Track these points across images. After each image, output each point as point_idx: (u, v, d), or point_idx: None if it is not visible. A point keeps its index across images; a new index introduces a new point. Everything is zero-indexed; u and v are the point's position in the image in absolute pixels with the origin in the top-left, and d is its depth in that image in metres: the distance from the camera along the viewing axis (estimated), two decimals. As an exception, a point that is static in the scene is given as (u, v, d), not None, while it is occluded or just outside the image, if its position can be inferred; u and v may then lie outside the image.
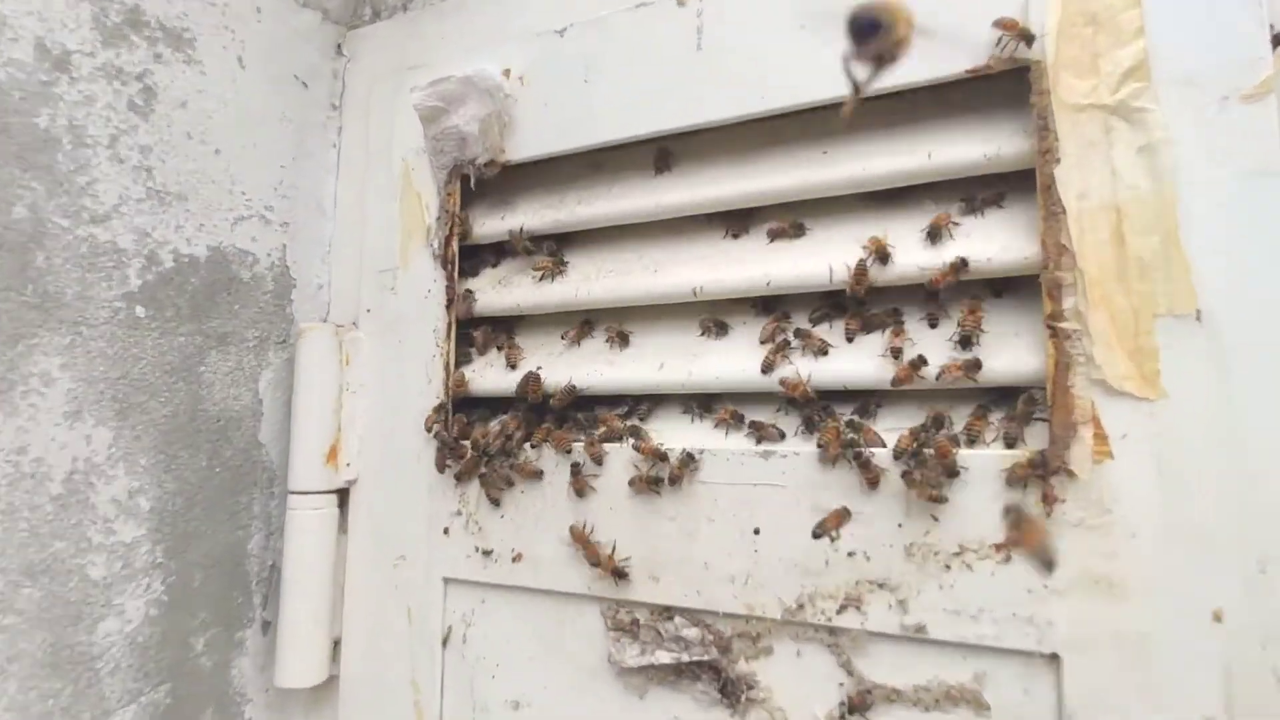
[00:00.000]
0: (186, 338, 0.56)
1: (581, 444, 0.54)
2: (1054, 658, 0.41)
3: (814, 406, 0.48)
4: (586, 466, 0.54)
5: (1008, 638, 0.42)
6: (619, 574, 0.51)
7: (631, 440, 0.52)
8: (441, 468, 0.59)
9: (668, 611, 0.50)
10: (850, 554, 0.46)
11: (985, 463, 0.43)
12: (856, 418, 0.48)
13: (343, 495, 0.64)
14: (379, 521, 0.62)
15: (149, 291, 0.53)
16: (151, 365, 0.53)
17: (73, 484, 0.49)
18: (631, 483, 0.52)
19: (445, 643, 0.59)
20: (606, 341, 0.58)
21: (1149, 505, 0.39)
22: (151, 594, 0.53)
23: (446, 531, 0.59)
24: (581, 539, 0.52)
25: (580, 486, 0.53)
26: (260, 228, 0.63)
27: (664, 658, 0.49)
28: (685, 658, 0.48)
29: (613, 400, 0.57)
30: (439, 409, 0.60)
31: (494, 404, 0.62)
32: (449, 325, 0.62)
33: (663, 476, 0.50)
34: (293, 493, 0.61)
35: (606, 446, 0.53)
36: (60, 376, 0.48)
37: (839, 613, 0.46)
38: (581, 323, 0.59)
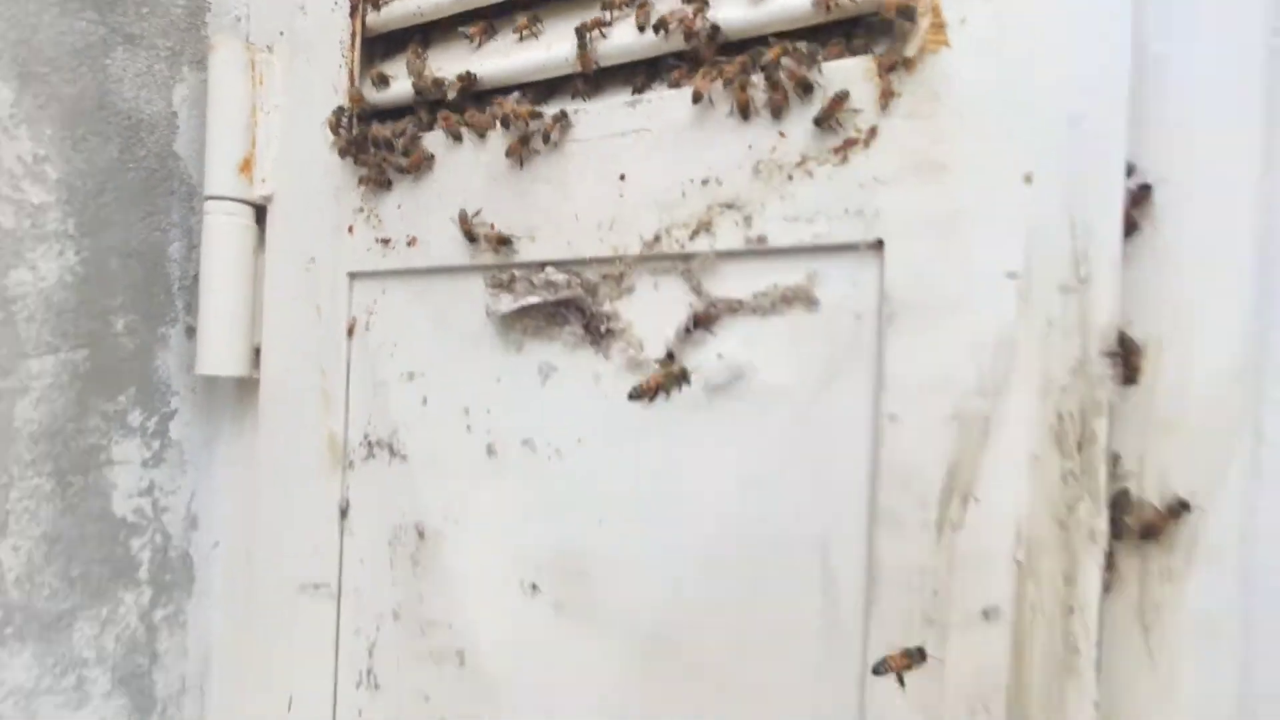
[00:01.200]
0: (89, 24, 0.57)
1: (467, 125, 0.56)
2: (878, 244, 0.42)
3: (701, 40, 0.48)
4: (470, 140, 0.55)
5: (838, 233, 0.43)
6: (500, 241, 0.54)
7: (514, 109, 0.54)
8: (343, 155, 0.61)
9: (541, 265, 0.53)
10: (704, 181, 0.47)
11: (833, 73, 0.44)
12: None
13: (260, 213, 0.66)
14: (292, 230, 0.65)
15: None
16: (51, 40, 0.55)
17: (-23, 138, 0.51)
18: (508, 152, 0.53)
19: (350, 332, 0.62)
20: (515, 32, 0.58)
21: (978, 88, 0.40)
22: (65, 261, 0.56)
23: (350, 229, 0.62)
24: (464, 221, 0.55)
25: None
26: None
27: (533, 299, 0.51)
28: (551, 297, 0.51)
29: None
30: (338, 110, 0.61)
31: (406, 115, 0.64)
32: (354, 35, 0.63)
33: (535, 134, 0.52)
34: (209, 198, 0.63)
35: (494, 121, 0.55)
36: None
37: (691, 239, 0.47)
38: (485, 22, 0.60)
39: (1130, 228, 0.38)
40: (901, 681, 0.40)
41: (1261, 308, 0.37)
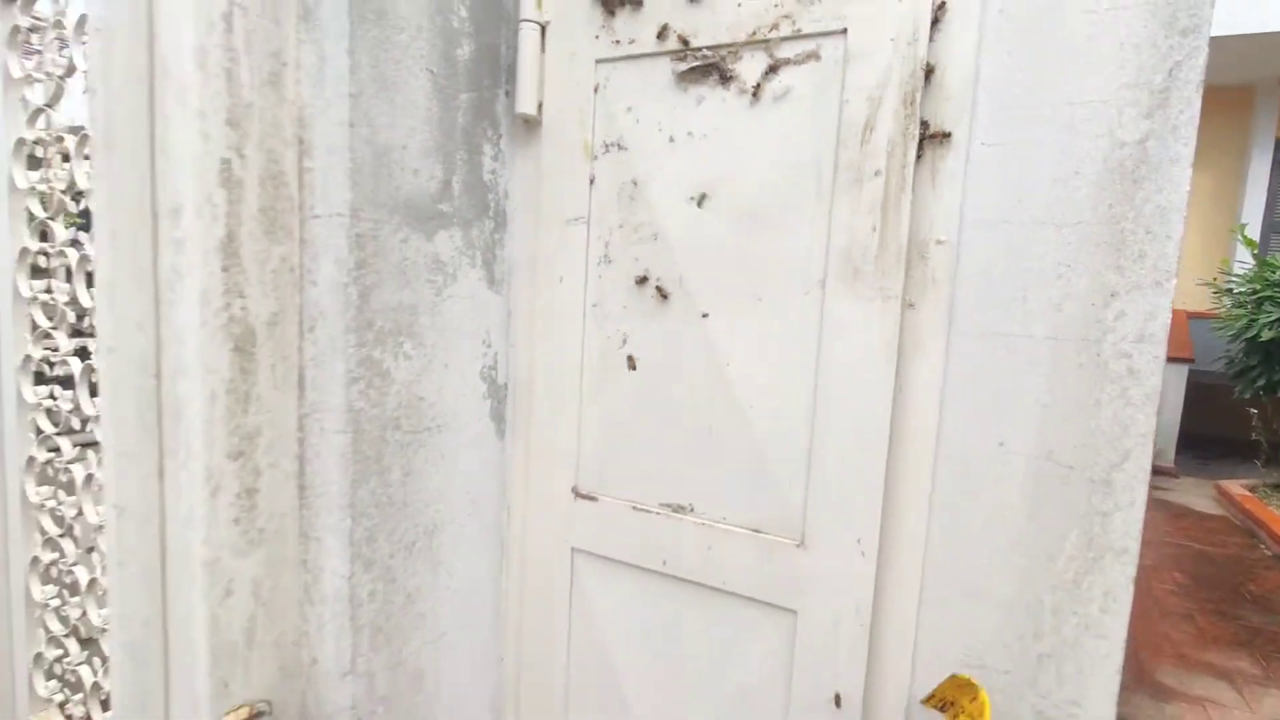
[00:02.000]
0: (476, -73, 1.18)
1: (661, -22, 1.16)
2: (844, 31, 1.02)
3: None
4: (663, -11, 1.16)
5: (829, 26, 1.03)
6: (680, 39, 1.15)
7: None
8: (594, -2, 1.22)
9: (699, 48, 1.14)
10: (775, 4, 1.07)
11: (832, -49, 1.02)
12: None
13: (543, 30, 1.28)
14: (561, 38, 1.27)
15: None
16: (466, -64, 1.16)
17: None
18: (684, -10, 1.14)
19: (595, 90, 1.25)
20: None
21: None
22: (468, 49, 1.20)
23: (596, 37, 1.23)
24: (660, 31, 1.16)
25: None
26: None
27: (696, 63, 1.13)
28: (703, 63, 1.13)
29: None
30: (592, -29, 1.22)
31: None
32: (595, -70, 1.22)
33: (698, -17, 1.12)
34: (521, 20, 1.26)
35: (673, -23, 1.15)
36: None
37: (769, 31, 1.08)
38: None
39: None
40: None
41: None
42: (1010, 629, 1.01)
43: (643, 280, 1.23)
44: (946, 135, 1.00)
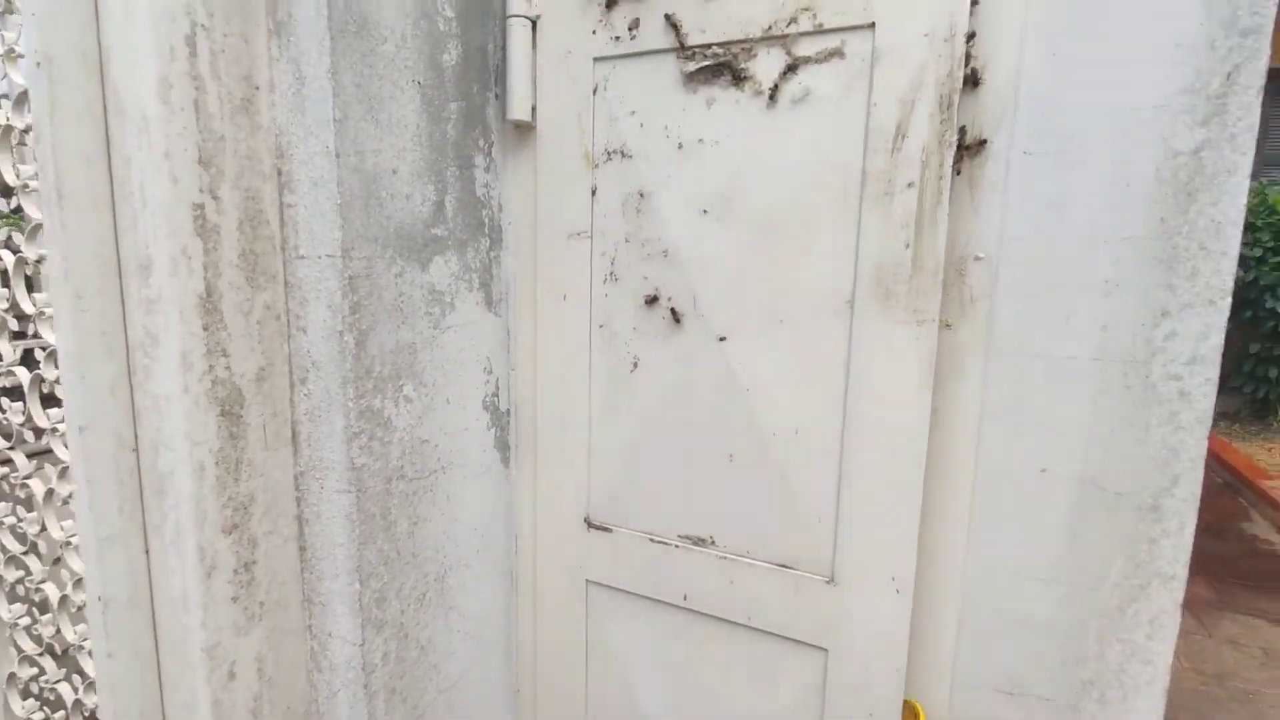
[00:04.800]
0: (456, -85, 1.06)
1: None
2: (872, 25, 0.94)
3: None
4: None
5: (855, 20, 0.95)
6: (684, 33, 1.05)
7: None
8: (589, -8, 1.11)
9: (709, 45, 1.04)
10: (794, -1, 0.98)
11: (857, -57, 0.93)
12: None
13: (534, 24, 1.17)
14: (555, 32, 1.16)
15: None
16: (445, -74, 1.04)
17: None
18: (691, -16, 1.04)
19: (595, 92, 1.14)
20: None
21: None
22: (456, 53, 1.09)
23: (594, 32, 1.13)
24: (671, 23, 1.06)
25: None
26: None
27: (706, 63, 1.04)
28: (714, 62, 1.03)
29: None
30: (585, -39, 1.10)
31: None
32: (586, -85, 1.10)
33: (707, -24, 1.02)
34: (509, 16, 1.14)
35: (677, -31, 1.04)
36: None
37: (786, 26, 0.99)
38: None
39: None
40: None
41: (1031, 49, 0.89)
42: (1053, 655, 0.99)
43: (653, 300, 1.15)
44: (983, 143, 0.93)
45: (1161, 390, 0.90)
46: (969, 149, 0.94)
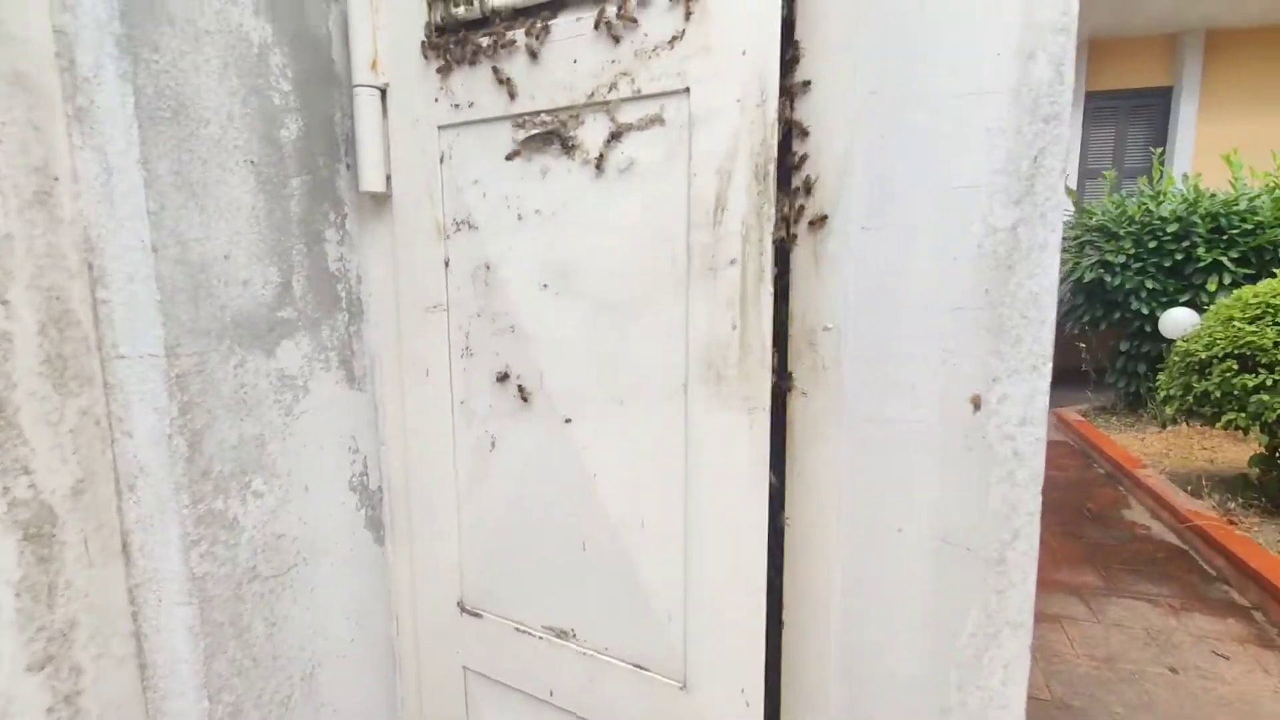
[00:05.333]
0: (289, -14, 1.01)
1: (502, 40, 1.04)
2: (686, 90, 0.95)
3: None
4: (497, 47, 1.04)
5: (671, 85, 0.96)
6: (517, 100, 1.04)
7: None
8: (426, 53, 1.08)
9: (538, 113, 1.04)
10: (612, 60, 0.98)
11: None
12: None
13: (383, 93, 1.13)
14: (402, 102, 1.13)
15: None
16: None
17: None
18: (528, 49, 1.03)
19: (441, 160, 1.12)
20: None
21: None
22: (295, 127, 1.04)
23: (436, 100, 1.10)
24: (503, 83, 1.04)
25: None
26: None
27: (536, 131, 1.03)
28: (543, 130, 1.03)
29: None
30: (425, 25, 1.08)
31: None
32: (432, -16, 1.08)
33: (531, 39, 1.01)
34: (355, 85, 1.10)
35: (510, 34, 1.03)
36: None
37: (608, 92, 0.99)
38: (508, -21, 1.06)
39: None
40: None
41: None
42: (925, 710, 1.02)
43: (504, 377, 1.10)
44: (823, 218, 0.96)
45: (998, 450, 0.94)
46: (813, 224, 0.97)
